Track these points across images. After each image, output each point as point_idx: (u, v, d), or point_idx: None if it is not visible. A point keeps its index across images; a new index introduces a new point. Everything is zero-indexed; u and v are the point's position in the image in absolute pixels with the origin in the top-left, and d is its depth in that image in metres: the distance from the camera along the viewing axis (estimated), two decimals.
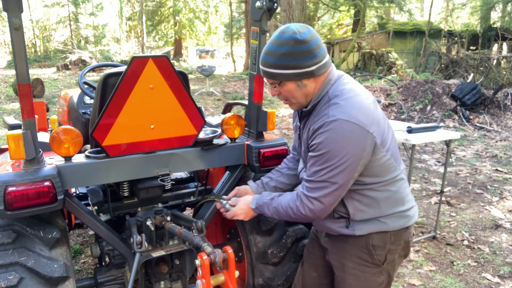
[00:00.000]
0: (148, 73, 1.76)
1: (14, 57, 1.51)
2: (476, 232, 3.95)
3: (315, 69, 1.49)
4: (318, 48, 1.48)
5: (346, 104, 1.47)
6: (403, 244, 1.69)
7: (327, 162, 1.46)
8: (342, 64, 18.41)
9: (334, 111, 1.46)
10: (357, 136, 1.43)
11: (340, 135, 1.43)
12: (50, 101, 10.61)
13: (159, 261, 2.16)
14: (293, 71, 1.49)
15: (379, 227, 1.62)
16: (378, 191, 1.58)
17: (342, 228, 1.65)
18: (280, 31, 1.50)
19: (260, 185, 1.97)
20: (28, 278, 1.57)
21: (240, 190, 1.98)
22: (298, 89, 1.55)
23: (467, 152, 6.86)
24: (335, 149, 1.43)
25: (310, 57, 1.47)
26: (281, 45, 1.47)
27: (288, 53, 1.46)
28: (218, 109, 10.65)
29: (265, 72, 1.56)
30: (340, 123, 1.42)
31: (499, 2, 18.68)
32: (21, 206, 1.58)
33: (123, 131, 1.80)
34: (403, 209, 1.64)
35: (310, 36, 1.47)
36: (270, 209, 1.70)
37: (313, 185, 1.53)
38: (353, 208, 1.60)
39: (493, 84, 11.39)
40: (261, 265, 2.14)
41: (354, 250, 1.67)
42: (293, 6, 15.29)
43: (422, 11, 29.35)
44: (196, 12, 30.44)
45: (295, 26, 1.49)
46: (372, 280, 1.69)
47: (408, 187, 1.70)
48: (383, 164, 1.54)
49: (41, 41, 30.14)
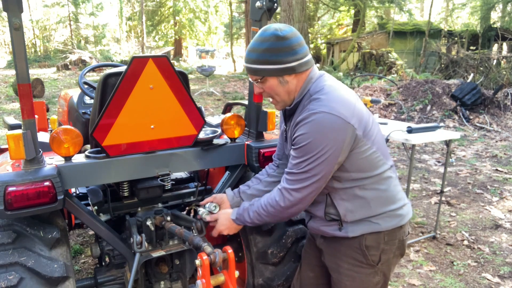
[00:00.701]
0: (148, 73, 1.76)
1: (14, 57, 1.51)
2: (476, 232, 3.95)
3: (296, 65, 1.53)
4: (299, 46, 1.52)
5: (327, 98, 1.50)
6: (397, 243, 1.68)
7: (308, 153, 1.48)
8: (342, 64, 18.41)
9: (315, 105, 1.50)
10: (338, 128, 1.46)
11: (321, 126, 1.46)
12: (50, 101, 10.61)
13: (159, 261, 2.16)
14: (275, 66, 1.52)
15: (372, 228, 1.62)
16: (366, 189, 1.59)
17: (335, 230, 1.66)
18: (263, 29, 1.55)
19: (236, 194, 1.95)
20: (28, 278, 1.57)
21: (216, 197, 1.96)
22: (280, 86, 1.57)
23: (467, 152, 6.87)
24: (316, 140, 1.46)
25: (291, 53, 1.51)
26: (263, 41, 1.51)
27: (269, 49, 1.50)
28: (218, 109, 10.66)
29: (248, 69, 1.59)
30: (321, 115, 1.46)
31: (499, 2, 18.68)
32: (21, 206, 1.58)
33: (123, 131, 1.79)
34: (395, 208, 1.64)
35: (291, 34, 1.51)
36: (251, 214, 1.70)
37: (294, 177, 1.55)
38: (343, 209, 1.61)
39: (493, 84, 11.39)
40: (261, 265, 2.14)
41: (348, 252, 1.67)
42: (293, 6, 15.29)
43: (422, 11, 29.35)
44: (196, 12, 30.45)
45: (277, 24, 1.54)
46: (368, 280, 1.69)
47: (399, 185, 1.70)
48: (369, 158, 1.55)
49: (41, 41, 30.16)
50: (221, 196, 1.96)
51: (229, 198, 1.94)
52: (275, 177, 1.92)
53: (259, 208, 1.67)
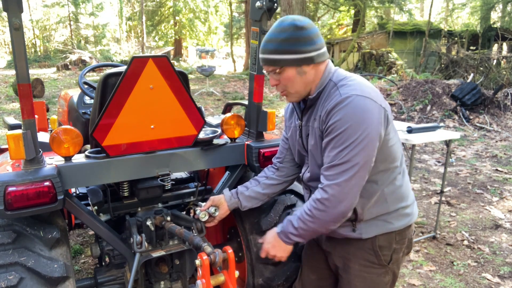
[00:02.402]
0: (148, 73, 1.76)
1: (14, 57, 1.51)
2: (476, 232, 3.95)
3: (315, 55, 1.52)
4: (317, 36, 1.52)
5: (354, 83, 1.50)
6: (407, 242, 1.71)
7: (348, 139, 1.42)
8: (342, 64, 18.41)
9: (345, 90, 1.48)
10: (372, 109, 1.44)
11: (357, 109, 1.43)
12: (50, 101, 10.61)
13: (159, 261, 2.16)
14: (294, 56, 1.50)
15: (385, 228, 1.62)
16: (384, 184, 1.58)
17: (348, 232, 1.63)
18: (280, 20, 1.53)
19: (234, 194, 1.92)
20: (28, 278, 1.57)
21: (214, 200, 1.94)
22: (298, 76, 1.53)
23: (467, 152, 6.87)
24: (355, 123, 1.42)
25: (310, 43, 1.50)
26: (282, 31, 1.50)
27: (288, 38, 1.49)
28: (218, 109, 10.66)
29: (265, 60, 1.55)
30: (355, 98, 1.44)
31: (499, 2, 18.69)
32: (21, 206, 1.58)
33: (123, 131, 1.79)
34: (406, 205, 1.65)
35: (309, 24, 1.51)
36: (295, 223, 1.60)
37: (336, 170, 1.46)
38: (361, 207, 1.57)
39: (493, 84, 11.39)
40: (261, 265, 2.14)
41: (359, 252, 1.66)
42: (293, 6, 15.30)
43: (422, 11, 29.35)
44: (196, 12, 30.45)
45: (294, 15, 1.54)
46: (379, 280, 1.69)
47: (410, 183, 1.72)
48: (393, 147, 1.57)
49: (41, 41, 30.17)
50: (218, 198, 1.95)
51: (227, 198, 1.93)
52: (274, 180, 1.90)
53: (303, 214, 1.57)
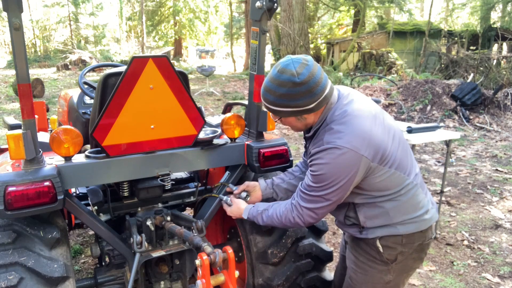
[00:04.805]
0: (148, 73, 1.76)
1: (14, 57, 1.51)
2: (476, 232, 3.95)
3: (314, 106, 1.55)
4: (317, 86, 1.51)
5: (341, 129, 1.53)
6: (416, 247, 1.71)
7: (323, 181, 1.55)
8: (342, 64, 18.40)
9: (328, 137, 1.54)
10: (349, 161, 1.50)
11: (333, 160, 1.51)
12: (50, 101, 10.61)
13: (159, 261, 2.16)
14: (293, 109, 1.56)
15: (390, 231, 1.67)
16: (386, 202, 1.63)
17: (355, 233, 1.76)
18: (279, 69, 1.52)
19: (269, 185, 2.02)
20: (28, 278, 1.57)
21: (249, 186, 2.03)
22: (298, 121, 1.65)
23: (467, 152, 6.86)
24: (330, 172, 1.53)
25: (309, 96, 1.52)
26: (280, 86, 1.51)
27: (286, 95, 1.52)
28: (218, 109, 10.65)
29: (266, 107, 1.66)
30: (333, 149, 1.50)
31: (499, 2, 18.67)
32: (21, 206, 1.58)
33: (123, 131, 1.80)
34: (415, 216, 1.67)
35: (308, 76, 1.49)
36: (264, 218, 1.80)
37: (307, 197, 1.63)
38: (363, 216, 1.68)
39: (493, 84, 11.38)
40: (261, 265, 2.14)
41: (365, 247, 1.76)
42: (293, 6, 15.31)
43: (422, 11, 29.34)
44: (196, 12, 30.42)
45: (294, 64, 1.50)
46: (379, 277, 1.74)
47: (422, 193, 1.71)
48: (388, 179, 1.59)
49: (41, 41, 30.12)
50: (253, 184, 2.03)
51: (262, 188, 2.01)
52: None
53: (274, 216, 1.76)
